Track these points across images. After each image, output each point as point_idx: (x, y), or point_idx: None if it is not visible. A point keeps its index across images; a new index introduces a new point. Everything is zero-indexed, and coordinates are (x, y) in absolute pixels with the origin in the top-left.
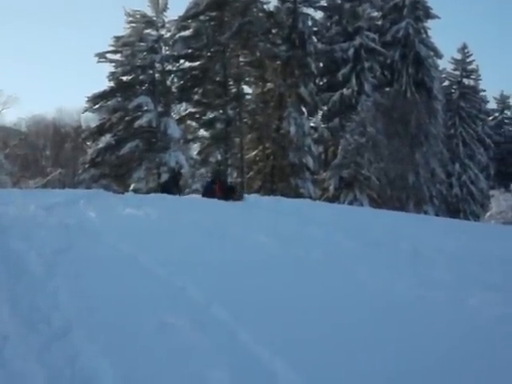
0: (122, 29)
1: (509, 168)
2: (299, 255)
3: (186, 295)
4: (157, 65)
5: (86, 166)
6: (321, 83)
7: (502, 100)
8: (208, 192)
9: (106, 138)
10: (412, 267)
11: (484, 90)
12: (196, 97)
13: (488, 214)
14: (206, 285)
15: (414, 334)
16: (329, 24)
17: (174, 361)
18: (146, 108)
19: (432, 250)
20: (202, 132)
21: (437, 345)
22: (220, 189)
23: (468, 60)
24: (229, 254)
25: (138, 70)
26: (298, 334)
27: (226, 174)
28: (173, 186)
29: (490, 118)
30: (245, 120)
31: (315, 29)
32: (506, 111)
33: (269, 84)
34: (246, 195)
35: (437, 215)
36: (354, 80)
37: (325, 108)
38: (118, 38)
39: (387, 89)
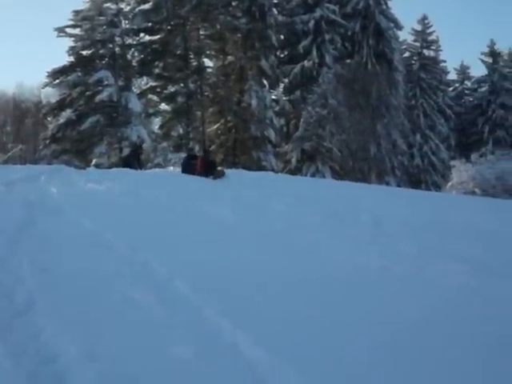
0: (82, 3)
1: (469, 138)
2: (261, 228)
3: (148, 270)
4: (117, 39)
5: (47, 141)
6: (282, 56)
7: (462, 71)
8: (187, 168)
9: (67, 113)
10: (373, 238)
11: (444, 61)
12: (157, 70)
13: (449, 184)
14: (168, 260)
15: (377, 304)
16: None
17: (138, 336)
18: (106, 82)
19: (393, 221)
20: (164, 106)
21: (400, 316)
22: (201, 164)
23: (428, 31)
24: (191, 228)
25: (98, 44)
26: (261, 308)
27: (207, 149)
28: (134, 160)
29: (451, 88)
30: (206, 93)
31: (275, 1)
32: (466, 82)
33: (229, 57)
34: (226, 171)
35: (398, 186)
36: (314, 52)
37: (286, 80)
38: (77, 12)
39: (348, 60)
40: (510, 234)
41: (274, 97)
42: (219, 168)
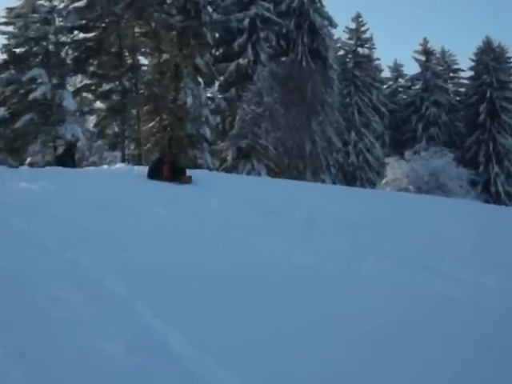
0: (15, 0)
1: (403, 136)
2: (195, 226)
3: (79, 269)
4: (50, 36)
5: None
6: (217, 53)
7: (396, 68)
8: (154, 172)
9: (0, 112)
10: (308, 236)
11: (378, 59)
12: (91, 68)
13: (384, 181)
14: (100, 258)
15: (310, 301)
16: None
17: (69, 335)
18: (40, 80)
19: (328, 218)
20: (98, 104)
21: (332, 312)
22: (168, 170)
23: (362, 29)
24: (124, 226)
25: (32, 41)
26: (193, 305)
27: (175, 154)
28: (68, 158)
29: (385, 86)
30: (141, 91)
31: None
32: (399, 79)
33: (165, 55)
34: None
35: (334, 183)
36: (249, 50)
37: (221, 78)
38: (10, 10)
39: (283, 58)
40: (442, 231)
41: (209, 95)
42: (187, 174)
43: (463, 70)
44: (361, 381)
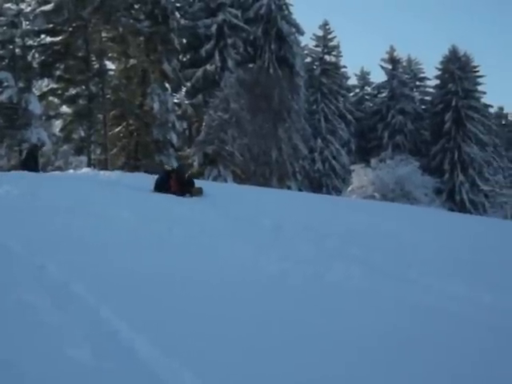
0: None
1: (369, 143)
2: (161, 232)
3: (45, 274)
4: (17, 40)
5: None
6: (184, 59)
7: (363, 76)
8: (161, 185)
9: None
10: (274, 242)
11: (345, 67)
12: (58, 72)
13: (349, 188)
14: (65, 263)
15: (275, 307)
16: (191, 0)
17: (34, 340)
18: (6, 84)
19: (294, 225)
20: (65, 108)
21: (298, 317)
22: (176, 182)
23: (329, 36)
24: (91, 231)
25: None
26: (159, 310)
27: (184, 166)
28: (31, 162)
29: (351, 94)
30: (108, 96)
31: (178, 4)
32: (366, 87)
33: (132, 60)
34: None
35: (300, 190)
36: (217, 56)
37: (188, 84)
38: None
39: (250, 65)
40: (408, 238)
41: (176, 100)
42: (196, 186)
43: (429, 79)
44: None
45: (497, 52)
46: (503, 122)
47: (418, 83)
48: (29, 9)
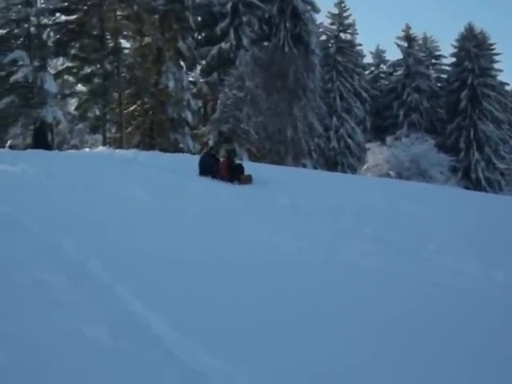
0: None
1: (385, 122)
2: (176, 210)
3: (62, 252)
4: (32, 18)
5: None
6: (199, 37)
7: (378, 54)
8: (207, 169)
9: None
10: (290, 221)
11: (361, 45)
12: (73, 51)
13: (364, 166)
14: (82, 241)
15: (291, 286)
16: None
17: (52, 318)
18: (21, 63)
19: (309, 204)
20: (80, 87)
21: (313, 296)
22: (225, 167)
23: (345, 14)
24: (106, 209)
25: (13, 23)
26: (175, 289)
27: (234, 150)
28: (40, 141)
29: (367, 72)
30: (123, 74)
31: None
32: (381, 65)
33: (147, 38)
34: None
35: (315, 168)
36: (232, 34)
37: (203, 62)
38: None
39: (265, 43)
40: (422, 217)
41: (191, 79)
42: (246, 173)
43: (445, 57)
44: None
45: None
46: None
47: (433, 61)
48: None
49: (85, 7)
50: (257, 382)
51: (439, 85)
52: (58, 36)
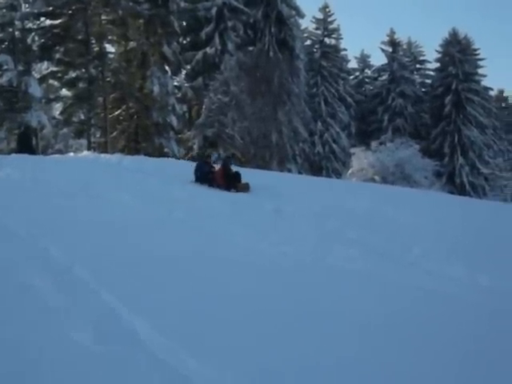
0: None
1: (369, 126)
2: (161, 215)
3: (48, 256)
4: (17, 22)
5: None
6: (184, 42)
7: (363, 59)
8: (203, 177)
9: None
10: (275, 225)
11: (345, 50)
12: (58, 55)
13: (349, 171)
14: (68, 246)
15: (276, 290)
16: None
17: (38, 323)
18: (5, 67)
19: (294, 208)
20: (65, 91)
21: (299, 300)
22: (221, 175)
23: (329, 19)
24: (92, 214)
25: None
26: (159, 294)
27: (230, 158)
28: (24, 145)
29: (351, 77)
30: (108, 79)
31: None
32: (366, 70)
33: (132, 43)
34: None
35: (300, 173)
36: (217, 39)
37: (188, 67)
38: None
39: (250, 48)
40: (406, 220)
41: (176, 83)
42: (243, 181)
43: (429, 62)
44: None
45: (497, 35)
46: (503, 105)
47: (418, 66)
48: None
49: (69, 11)
50: None
51: (424, 90)
52: (42, 40)
